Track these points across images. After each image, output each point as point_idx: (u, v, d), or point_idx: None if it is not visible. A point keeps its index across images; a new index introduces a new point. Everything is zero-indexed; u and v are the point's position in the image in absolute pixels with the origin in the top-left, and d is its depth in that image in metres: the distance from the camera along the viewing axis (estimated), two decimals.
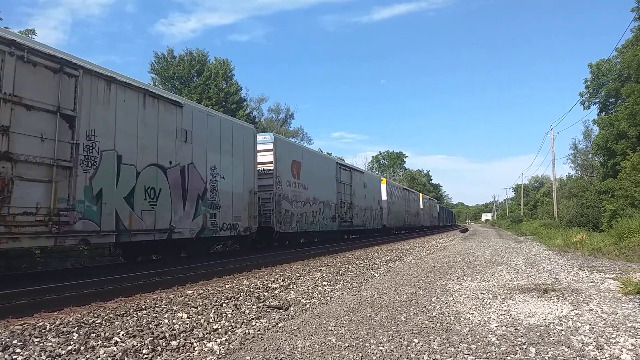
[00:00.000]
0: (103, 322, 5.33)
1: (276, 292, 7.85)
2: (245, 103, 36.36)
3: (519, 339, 4.74)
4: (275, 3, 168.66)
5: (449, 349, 4.47)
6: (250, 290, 7.74)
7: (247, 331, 5.35)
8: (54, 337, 4.63)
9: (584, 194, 33.20)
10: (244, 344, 4.86)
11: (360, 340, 4.83)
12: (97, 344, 4.51)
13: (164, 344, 4.68)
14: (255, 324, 5.71)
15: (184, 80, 33.24)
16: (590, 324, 5.34)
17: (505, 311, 6.16)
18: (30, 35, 19.88)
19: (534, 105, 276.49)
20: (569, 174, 64.03)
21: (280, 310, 6.49)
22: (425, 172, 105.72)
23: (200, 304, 6.55)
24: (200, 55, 34.24)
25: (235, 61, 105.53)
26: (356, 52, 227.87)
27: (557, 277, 9.55)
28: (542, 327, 5.24)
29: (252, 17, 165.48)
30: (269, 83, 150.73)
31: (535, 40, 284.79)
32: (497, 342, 4.66)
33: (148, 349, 4.51)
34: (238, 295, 7.26)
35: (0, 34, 7.37)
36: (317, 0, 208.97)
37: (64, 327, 4.99)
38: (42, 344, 4.42)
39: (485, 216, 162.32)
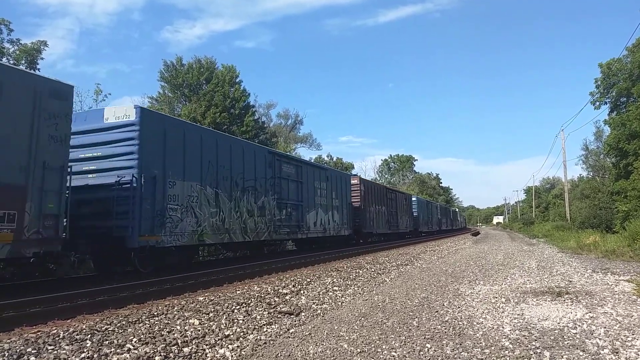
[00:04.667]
0: (116, 329, 5.37)
1: (287, 297, 7.84)
2: (252, 109, 36.50)
3: (533, 343, 4.69)
4: (279, 8, 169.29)
5: (462, 354, 4.44)
6: (261, 296, 7.74)
7: (258, 337, 5.35)
8: (67, 345, 4.67)
9: (597, 195, 32.83)
10: (255, 350, 4.86)
11: (372, 345, 4.81)
12: (110, 352, 4.54)
13: (176, 351, 4.70)
14: (266, 330, 5.70)
15: (193, 88, 33.51)
16: (605, 327, 5.28)
17: (518, 315, 6.10)
18: (42, 47, 20.14)
19: (543, 106, 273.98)
20: (580, 175, 63.48)
21: (292, 316, 6.48)
22: (435, 175, 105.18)
23: (212, 310, 6.57)
24: (209, 62, 34.51)
25: (243, 67, 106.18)
26: (362, 56, 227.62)
27: (570, 279, 9.45)
28: (556, 331, 5.18)
29: (256, 22, 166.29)
30: (276, 89, 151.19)
31: (544, 41, 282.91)
32: (511, 346, 4.62)
33: (160, 356, 4.52)
34: (249, 301, 7.27)
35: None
36: (320, 5, 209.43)
37: (77, 334, 5.03)
38: (56, 352, 4.46)
39: (497, 219, 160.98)
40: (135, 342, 4.88)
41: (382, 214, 27.91)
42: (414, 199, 38.98)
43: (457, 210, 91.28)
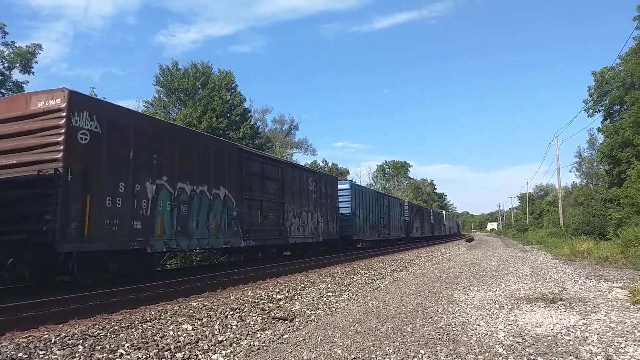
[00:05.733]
0: (108, 334, 5.32)
1: (281, 303, 7.82)
2: (249, 115, 36.52)
3: (527, 350, 4.70)
4: (275, 13, 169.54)
5: None
6: (255, 302, 7.71)
7: (252, 343, 5.32)
8: (59, 350, 4.63)
9: (590, 202, 33.04)
10: (249, 356, 4.84)
11: (367, 351, 4.79)
12: (102, 357, 4.50)
13: (169, 356, 4.67)
14: (260, 336, 5.68)
15: (189, 93, 33.48)
16: (598, 334, 5.29)
17: (512, 321, 6.11)
18: (37, 50, 20.08)
19: (538, 114, 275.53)
20: (574, 182, 63.82)
21: (285, 322, 6.46)
22: (430, 181, 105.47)
23: (205, 315, 6.53)
24: (205, 67, 34.51)
25: (238, 73, 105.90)
26: (358, 62, 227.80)
27: (564, 286, 9.48)
28: (549, 337, 5.19)
29: (251, 27, 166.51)
30: (271, 94, 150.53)
31: (538, 48, 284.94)
32: (505, 352, 4.62)
33: None
34: (243, 307, 7.23)
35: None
36: (317, 10, 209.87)
37: (69, 339, 4.98)
38: (47, 357, 4.42)
39: (491, 225, 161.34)
40: (127, 347, 4.84)
41: (207, 204, 11.91)
42: (344, 186, 23.66)
43: (444, 213, 72.97)
